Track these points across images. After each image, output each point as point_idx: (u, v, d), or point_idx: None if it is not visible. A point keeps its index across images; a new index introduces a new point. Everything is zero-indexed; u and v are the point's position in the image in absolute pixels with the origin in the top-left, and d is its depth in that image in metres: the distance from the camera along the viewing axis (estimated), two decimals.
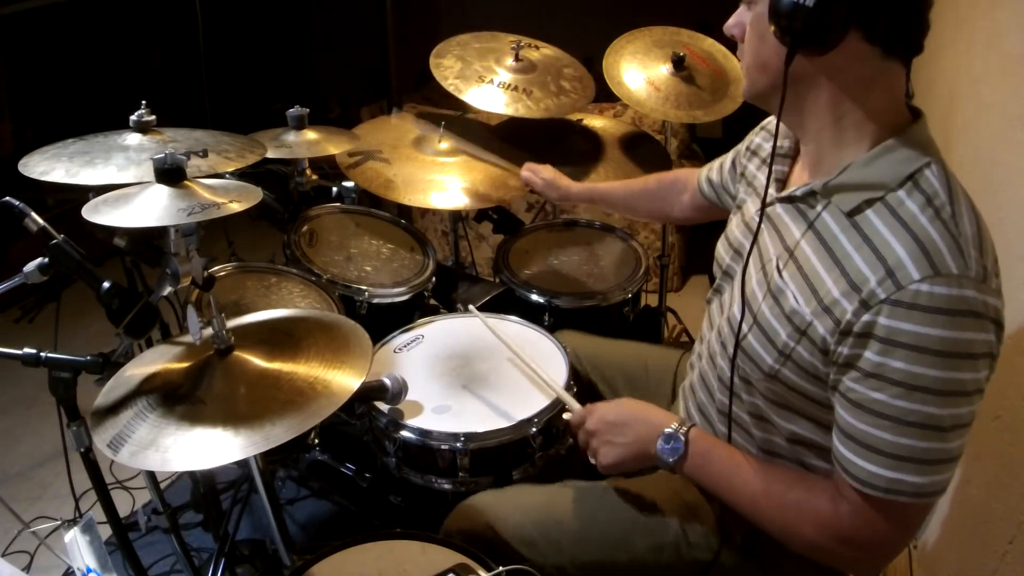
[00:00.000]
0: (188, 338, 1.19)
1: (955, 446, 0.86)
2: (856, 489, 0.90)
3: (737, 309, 1.03)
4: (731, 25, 1.00)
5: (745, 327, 1.00)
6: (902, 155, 0.89)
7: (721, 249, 1.17)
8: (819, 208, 0.94)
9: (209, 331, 1.14)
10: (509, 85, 1.99)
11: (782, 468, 1.04)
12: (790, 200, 0.99)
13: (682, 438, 1.05)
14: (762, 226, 1.04)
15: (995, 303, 0.85)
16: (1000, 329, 0.86)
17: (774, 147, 1.02)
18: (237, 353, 1.13)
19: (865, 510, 0.90)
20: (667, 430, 1.06)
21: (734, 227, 1.16)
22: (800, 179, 1.02)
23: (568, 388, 1.40)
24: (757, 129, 1.25)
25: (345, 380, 1.09)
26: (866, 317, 0.84)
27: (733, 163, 1.35)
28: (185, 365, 1.14)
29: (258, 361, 1.13)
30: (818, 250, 0.92)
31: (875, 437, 0.86)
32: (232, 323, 1.23)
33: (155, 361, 1.17)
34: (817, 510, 0.95)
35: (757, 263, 1.03)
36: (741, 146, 1.30)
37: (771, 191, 1.05)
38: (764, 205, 1.02)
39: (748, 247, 1.06)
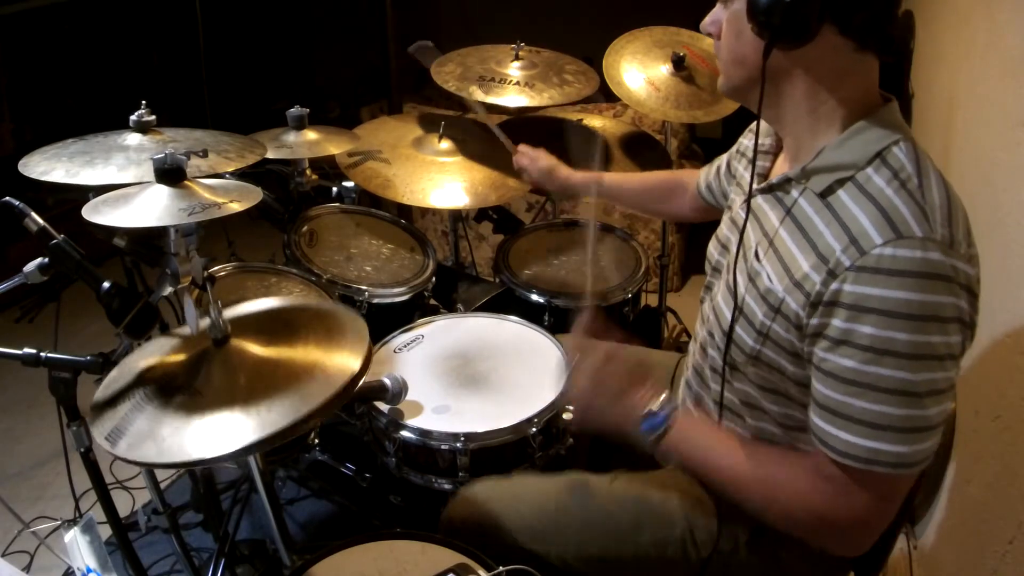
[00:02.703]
0: (186, 330, 1.19)
1: (933, 413, 0.86)
2: (835, 461, 0.90)
3: (722, 298, 1.05)
4: (707, 23, 1.02)
5: (728, 312, 1.02)
6: (871, 135, 0.91)
7: (711, 247, 1.19)
8: (795, 193, 0.96)
9: (206, 321, 1.13)
10: (511, 80, 1.99)
11: (764, 445, 1.05)
12: (769, 189, 1.01)
13: (663, 414, 1.05)
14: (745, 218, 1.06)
15: (965, 268, 0.85)
16: (973, 297, 0.87)
17: (756, 140, 1.05)
18: (234, 342, 1.13)
19: (845, 483, 0.90)
20: (650, 407, 1.06)
21: (723, 224, 1.19)
22: (781, 171, 1.04)
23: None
24: (745, 132, 1.27)
25: (343, 362, 1.08)
26: (833, 286, 0.86)
27: (728, 166, 1.37)
28: (182, 356, 1.14)
29: (255, 349, 1.12)
30: (793, 232, 0.94)
31: (850, 406, 0.87)
32: (228, 312, 1.22)
33: (153, 353, 1.16)
34: (796, 484, 0.95)
35: (740, 252, 1.05)
36: (733, 149, 1.33)
37: (753, 185, 1.07)
38: (750, 196, 1.04)
39: (733, 241, 1.08)
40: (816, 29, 0.88)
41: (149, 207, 1.12)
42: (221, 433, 0.98)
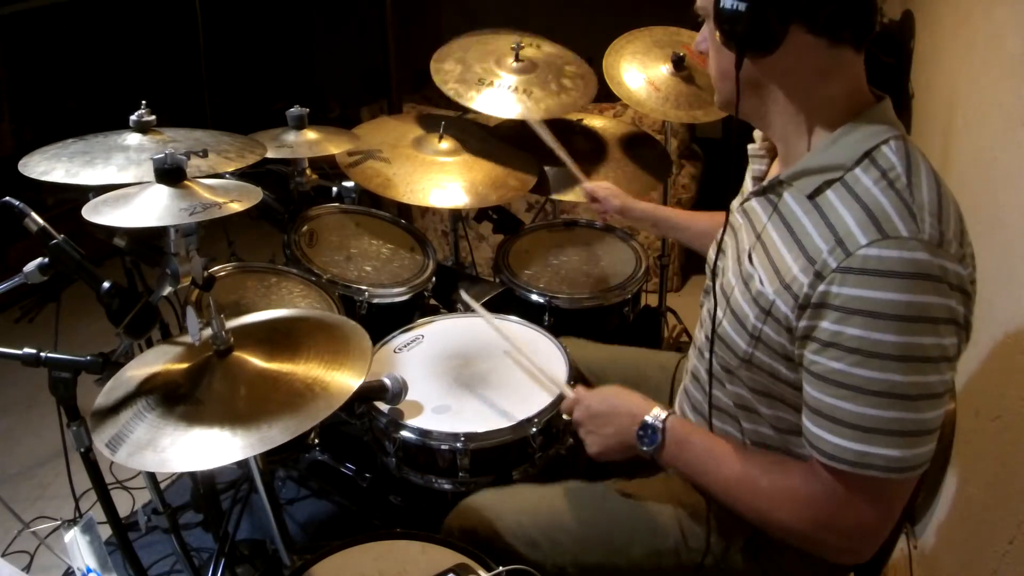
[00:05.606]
0: (188, 339, 1.19)
1: (928, 417, 0.85)
2: (826, 465, 0.89)
3: (717, 302, 1.04)
4: (699, 42, 1.03)
5: (720, 313, 1.02)
6: (860, 135, 0.90)
7: (710, 251, 1.19)
8: (783, 193, 0.96)
9: (208, 332, 1.14)
10: (509, 86, 1.99)
11: (760, 454, 1.04)
12: (761, 192, 1.01)
13: (659, 426, 1.05)
14: (741, 222, 1.06)
15: (955, 268, 0.83)
16: (966, 296, 0.85)
17: (733, 146, 1.08)
18: (237, 353, 1.13)
19: (839, 489, 0.89)
20: (646, 419, 1.07)
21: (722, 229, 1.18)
22: (774, 174, 1.04)
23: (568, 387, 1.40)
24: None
25: (344, 381, 1.09)
26: (821, 288, 0.85)
27: None
28: (185, 365, 1.14)
29: (257, 362, 1.13)
30: (781, 232, 0.93)
31: (839, 409, 0.86)
32: (231, 323, 1.23)
33: (155, 361, 1.17)
34: (791, 493, 0.94)
35: (734, 256, 1.05)
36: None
37: (749, 189, 1.08)
38: (744, 200, 1.05)
39: (730, 244, 1.08)
40: (782, 33, 0.87)
41: (149, 207, 1.12)
42: (220, 446, 0.98)
